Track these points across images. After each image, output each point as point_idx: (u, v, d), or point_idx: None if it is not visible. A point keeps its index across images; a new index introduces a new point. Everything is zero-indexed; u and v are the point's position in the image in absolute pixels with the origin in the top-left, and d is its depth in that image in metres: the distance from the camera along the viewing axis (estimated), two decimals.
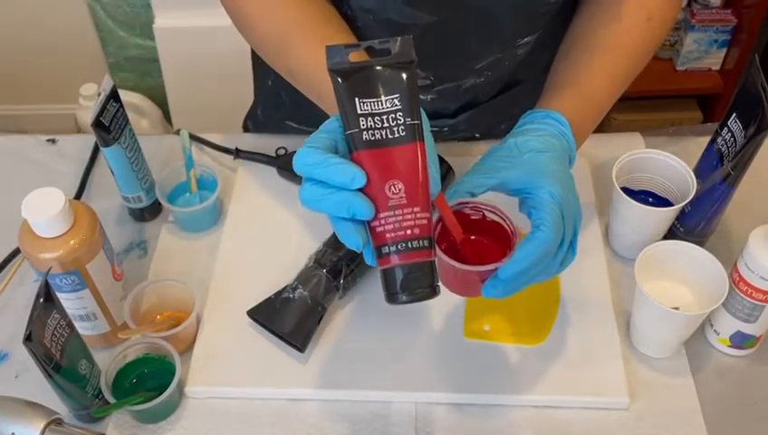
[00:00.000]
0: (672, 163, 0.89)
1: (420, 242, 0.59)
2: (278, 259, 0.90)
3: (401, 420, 0.80)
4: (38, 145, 1.09)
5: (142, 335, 0.82)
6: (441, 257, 0.66)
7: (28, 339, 0.67)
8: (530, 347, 0.84)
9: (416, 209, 0.59)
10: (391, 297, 0.60)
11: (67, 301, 0.78)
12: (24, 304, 0.89)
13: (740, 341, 0.84)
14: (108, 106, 0.87)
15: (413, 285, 0.59)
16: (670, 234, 0.91)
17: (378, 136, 0.59)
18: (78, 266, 0.77)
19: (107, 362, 0.79)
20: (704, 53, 2.06)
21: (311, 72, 0.76)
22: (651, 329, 0.82)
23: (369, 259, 0.61)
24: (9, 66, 2.17)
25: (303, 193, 0.60)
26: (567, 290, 0.88)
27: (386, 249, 0.59)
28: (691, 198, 0.86)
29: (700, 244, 0.85)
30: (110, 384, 0.79)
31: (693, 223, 0.90)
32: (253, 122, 1.15)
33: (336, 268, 0.85)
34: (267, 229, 0.95)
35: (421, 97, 0.95)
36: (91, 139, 1.05)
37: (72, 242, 0.75)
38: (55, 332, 0.71)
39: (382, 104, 0.59)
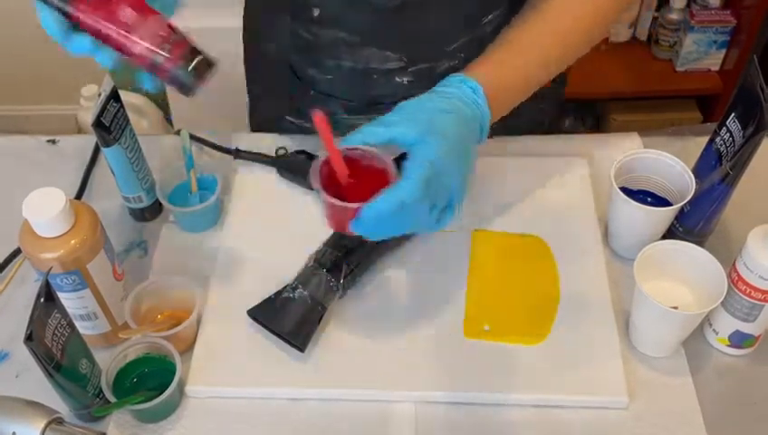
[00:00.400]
0: (671, 163, 0.89)
1: (173, 37, 0.67)
2: (278, 259, 0.91)
3: (401, 419, 0.80)
4: (39, 145, 1.09)
5: (143, 335, 0.82)
6: (322, 195, 0.69)
7: (29, 339, 0.68)
8: (530, 347, 0.84)
9: (157, 17, 0.67)
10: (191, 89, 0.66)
11: (68, 301, 0.78)
12: (25, 304, 0.88)
13: (739, 340, 0.84)
14: (108, 106, 0.87)
15: (200, 71, 0.66)
16: (669, 234, 0.91)
17: None
18: (79, 266, 0.77)
19: (107, 361, 0.79)
20: (703, 54, 2.06)
21: None
22: (650, 328, 0.82)
23: (147, 85, 0.66)
24: (9, 66, 2.17)
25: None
26: (567, 290, 0.88)
27: (156, 58, 0.65)
28: (690, 197, 0.86)
29: (699, 243, 0.85)
30: (110, 384, 0.79)
31: (692, 223, 0.90)
32: (253, 122, 1.15)
33: (336, 268, 0.85)
34: (267, 229, 0.95)
35: (396, 80, 0.96)
36: (91, 139, 1.05)
37: (72, 242, 0.75)
38: (56, 331, 0.72)
39: None
